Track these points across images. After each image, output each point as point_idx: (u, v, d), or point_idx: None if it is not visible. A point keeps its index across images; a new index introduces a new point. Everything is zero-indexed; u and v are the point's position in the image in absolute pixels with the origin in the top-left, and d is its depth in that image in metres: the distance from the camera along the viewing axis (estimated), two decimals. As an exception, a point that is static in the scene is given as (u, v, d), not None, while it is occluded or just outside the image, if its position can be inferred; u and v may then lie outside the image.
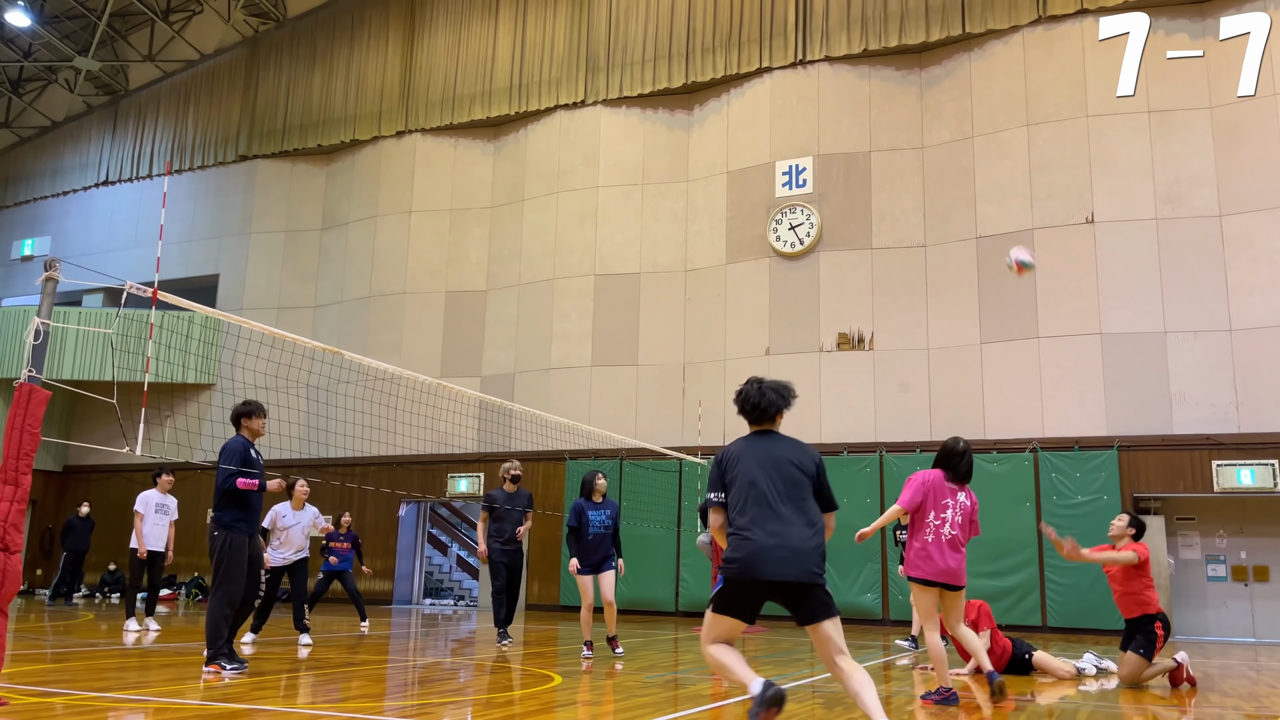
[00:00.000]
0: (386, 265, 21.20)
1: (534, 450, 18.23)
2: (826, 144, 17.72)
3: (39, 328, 5.59)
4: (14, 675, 6.60)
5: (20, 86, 26.08)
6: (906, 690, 7.34)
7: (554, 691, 6.76)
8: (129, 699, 5.87)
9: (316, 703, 6.21)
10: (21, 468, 5.43)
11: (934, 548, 6.22)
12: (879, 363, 16.79)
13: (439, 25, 21.69)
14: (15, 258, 25.86)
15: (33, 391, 5.52)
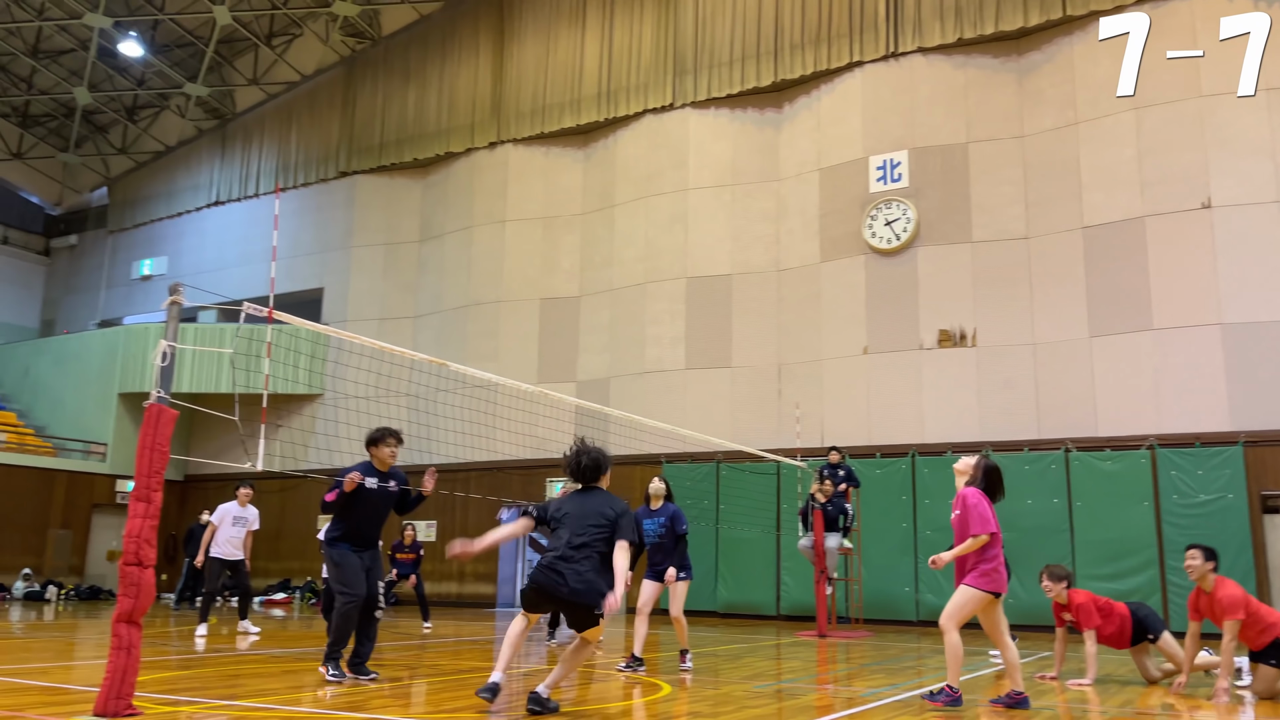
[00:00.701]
0: (482, 274, 21.57)
1: (630, 454, 18.25)
2: (921, 137, 17.32)
3: (165, 350, 5.83)
4: (145, 684, 6.91)
5: (135, 114, 27.41)
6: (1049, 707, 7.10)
7: (665, 702, 6.75)
8: (256, 707, 6.07)
9: (432, 711, 6.32)
10: (153, 485, 5.68)
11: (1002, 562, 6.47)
12: (982, 360, 16.34)
13: (527, 36, 21.97)
14: (135, 277, 27.17)
15: (161, 412, 5.77)
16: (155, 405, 5.78)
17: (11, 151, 27.88)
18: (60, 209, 29.54)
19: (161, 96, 26.51)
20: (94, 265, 28.38)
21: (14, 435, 22.56)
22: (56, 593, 20.77)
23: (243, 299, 6.87)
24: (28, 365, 25.29)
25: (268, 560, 23.02)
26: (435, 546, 20.89)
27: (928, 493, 16.19)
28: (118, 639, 5.48)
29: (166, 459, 5.75)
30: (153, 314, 25.99)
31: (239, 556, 12.55)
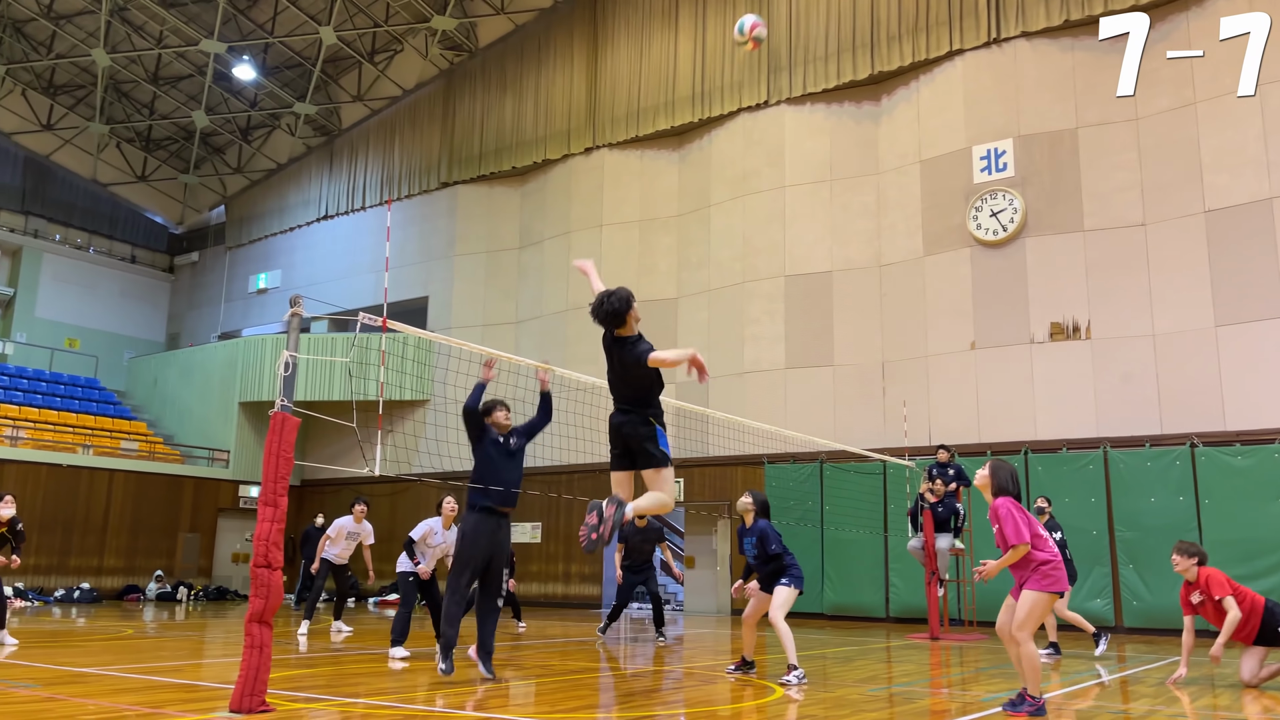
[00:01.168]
0: (581, 279, 21.70)
1: (730, 455, 18.22)
2: (1027, 124, 16.79)
3: (288, 360, 6.06)
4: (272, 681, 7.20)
5: (249, 134, 28.63)
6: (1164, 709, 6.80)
7: (777, 704, 6.70)
8: (379, 705, 6.26)
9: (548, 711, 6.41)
10: (279, 490, 5.92)
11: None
12: (1098, 352, 15.73)
13: (621, 41, 22.12)
14: (251, 291, 28.37)
15: (285, 419, 6.01)
16: (279, 413, 6.02)
17: (137, 175, 29.45)
18: (182, 228, 31.06)
19: (273, 116, 27.62)
20: (214, 280, 29.74)
21: (145, 444, 23.81)
22: (186, 593, 21.82)
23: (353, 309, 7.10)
24: (156, 377, 26.68)
25: (379, 562, 23.64)
26: (541, 548, 21.22)
27: (1042, 491, 15.59)
28: (250, 638, 5.72)
29: (291, 465, 5.98)
30: (268, 326, 27.12)
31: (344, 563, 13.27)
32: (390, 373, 21.92)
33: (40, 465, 20.93)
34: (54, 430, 22.62)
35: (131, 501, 22.13)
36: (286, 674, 7.81)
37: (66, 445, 22.14)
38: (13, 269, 27.31)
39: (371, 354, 20.94)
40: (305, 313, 6.51)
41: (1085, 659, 10.29)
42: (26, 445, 21.36)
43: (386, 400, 22.57)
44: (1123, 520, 14.98)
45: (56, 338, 27.34)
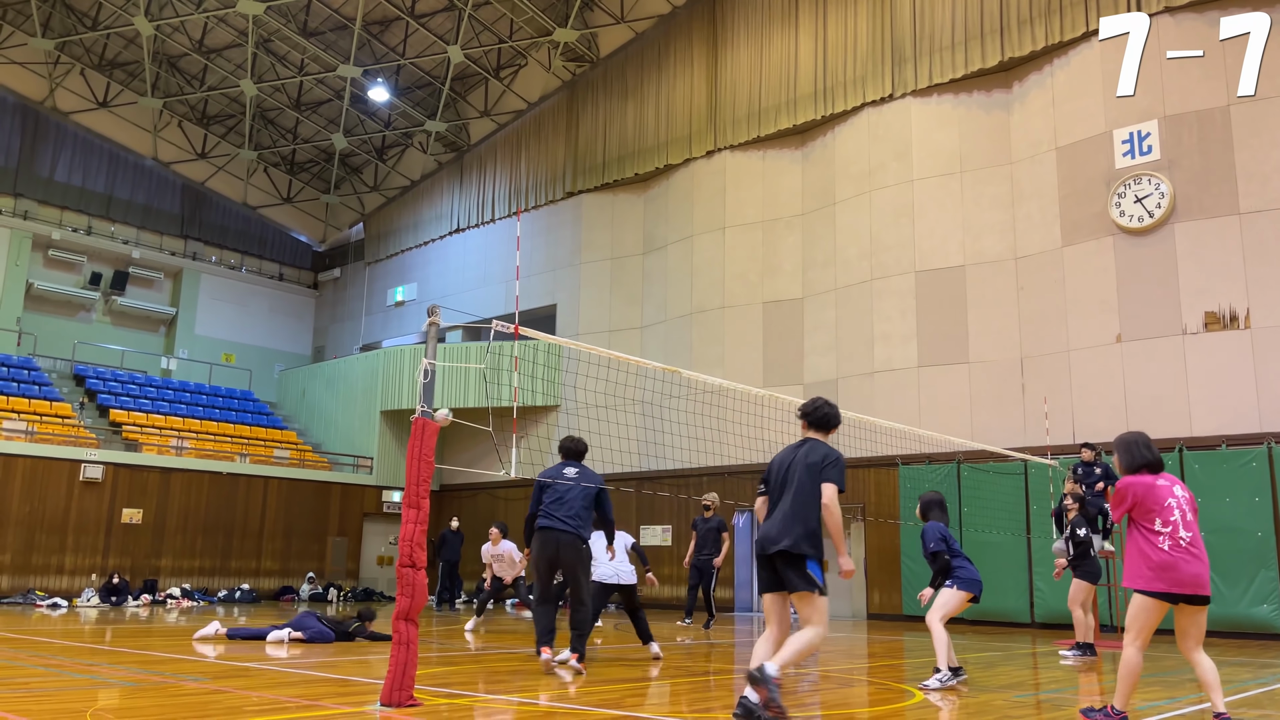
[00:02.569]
0: (705, 282, 21.82)
1: (862, 456, 17.84)
2: (1173, 103, 15.90)
3: (427, 368, 6.31)
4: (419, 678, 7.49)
5: (384, 153, 29.87)
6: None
7: (917, 709, 6.56)
8: (522, 701, 6.44)
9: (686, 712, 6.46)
10: (421, 492, 6.17)
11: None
12: (1259, 342, 14.75)
13: (740, 41, 22.06)
14: (390, 304, 29.56)
15: (426, 425, 6.26)
16: (420, 419, 6.27)
17: (283, 197, 31.12)
18: (324, 246, 32.64)
19: (406, 135, 28.74)
20: (355, 295, 31.13)
21: (295, 452, 25.10)
22: (336, 594, 22.89)
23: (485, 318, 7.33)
24: (304, 388, 28.12)
25: (516, 564, 24.31)
26: (670, 550, 21.33)
27: (1199, 489, 14.77)
28: (398, 635, 5.98)
29: (432, 468, 6.23)
30: (406, 337, 28.21)
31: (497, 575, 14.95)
32: (523, 379, 22.46)
33: (203, 474, 22.35)
34: (214, 440, 24.12)
35: (284, 507, 23.38)
36: (432, 671, 8.11)
37: (225, 454, 23.56)
38: (174, 290, 29.26)
39: (504, 360, 21.51)
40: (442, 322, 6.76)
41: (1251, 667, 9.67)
42: (190, 455, 22.84)
43: (521, 406, 23.12)
44: (1291, 521, 13.99)
45: (214, 353, 29.13)
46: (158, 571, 21.35)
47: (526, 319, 23.33)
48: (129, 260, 28.03)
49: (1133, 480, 5.60)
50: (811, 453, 5.81)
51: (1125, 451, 5.72)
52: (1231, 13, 15.48)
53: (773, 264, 20.93)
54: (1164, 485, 5.56)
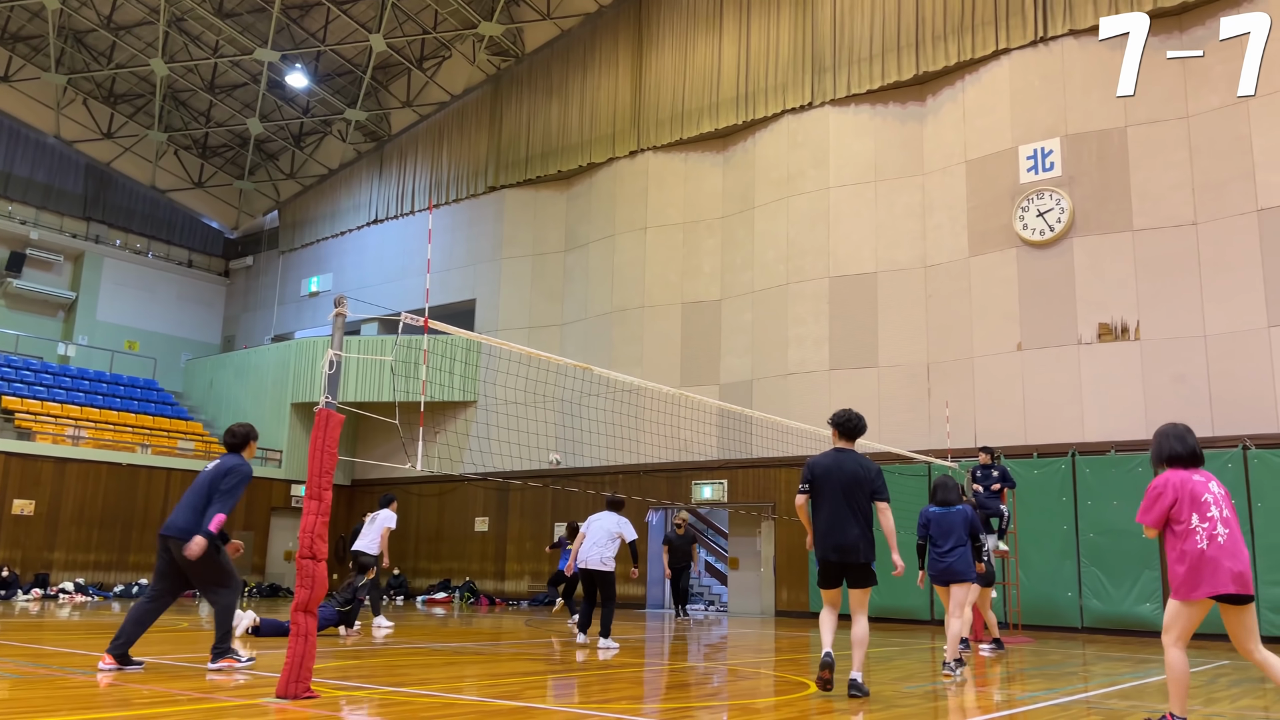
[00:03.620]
0: (625, 281, 21.95)
1: (774, 456, 18.25)
2: (1075, 123, 16.59)
3: (332, 359, 6.27)
4: (318, 671, 7.42)
5: (301, 140, 29.26)
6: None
7: (810, 700, 6.75)
8: (422, 694, 6.44)
9: (580, 703, 6.55)
10: (324, 484, 6.12)
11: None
12: (1147, 353, 15.49)
13: (665, 44, 22.24)
14: (304, 294, 28.98)
15: (330, 416, 6.21)
16: (324, 410, 6.22)
17: (194, 181, 30.25)
18: (237, 233, 31.83)
19: (324, 123, 28.21)
20: (267, 284, 30.43)
21: (201, 444, 24.44)
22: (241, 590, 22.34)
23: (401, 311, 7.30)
24: (211, 378, 27.38)
25: (429, 561, 24.13)
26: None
27: (1090, 494, 15.48)
28: (296, 627, 5.93)
29: (335, 460, 6.18)
30: (320, 328, 27.70)
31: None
32: (438, 374, 22.27)
33: (101, 464, 21.60)
34: (114, 430, 23.32)
35: (188, 499, 22.72)
36: (335, 665, 8.03)
37: (126, 445, 22.82)
38: (75, 274, 28.19)
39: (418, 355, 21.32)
40: (351, 314, 6.72)
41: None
42: (88, 445, 22.06)
43: (435, 401, 22.92)
44: (1173, 524, 14.71)
45: (116, 340, 28.16)
46: (50, 565, 20.57)
47: (445, 313, 23.14)
48: (26, 241, 26.92)
49: (1165, 475, 5.25)
50: (859, 466, 6.79)
51: (1154, 443, 5.41)
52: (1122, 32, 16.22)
53: (693, 265, 21.16)
54: (1200, 481, 5.17)
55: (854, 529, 6.65)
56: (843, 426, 6.99)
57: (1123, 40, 16.81)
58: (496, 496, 22.95)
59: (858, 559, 6.62)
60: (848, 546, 6.63)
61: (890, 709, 6.29)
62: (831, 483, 6.71)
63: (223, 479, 7.35)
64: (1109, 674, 9.18)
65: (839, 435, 7.01)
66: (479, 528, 23.39)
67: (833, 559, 6.67)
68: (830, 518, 6.69)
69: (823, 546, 6.72)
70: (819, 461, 6.86)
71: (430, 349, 22.42)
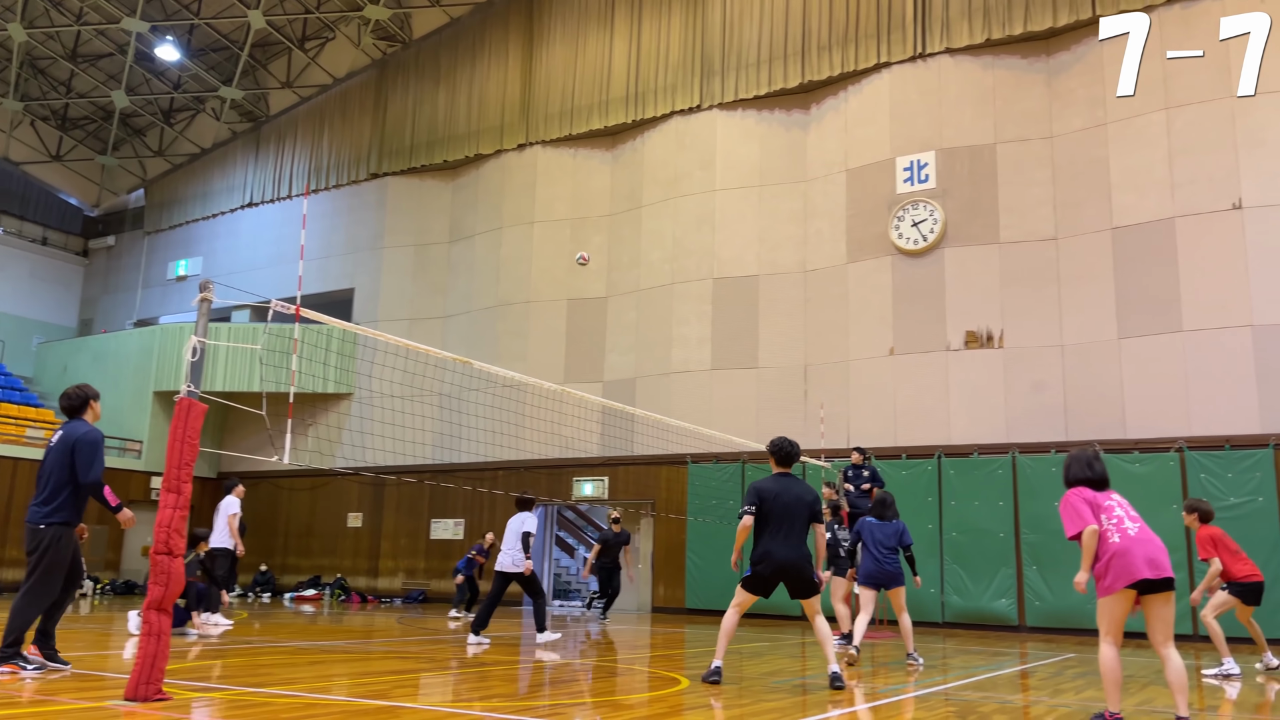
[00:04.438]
0: (511, 275, 21.75)
1: (655, 454, 18.40)
2: (949, 138, 17.27)
3: (196, 345, 5.99)
4: (174, 671, 7.09)
5: (171, 117, 27.90)
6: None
7: (681, 695, 6.82)
8: (283, 695, 6.22)
9: (452, 701, 6.45)
10: (183, 476, 5.84)
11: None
12: (1009, 360, 16.25)
13: (556, 39, 22.13)
14: (170, 278, 27.66)
15: (192, 405, 5.94)
16: (185, 399, 5.94)
17: (51, 154, 28.48)
18: (98, 210, 30.12)
19: (197, 100, 26.97)
20: (131, 265, 28.92)
21: (51, 432, 23.02)
22: (92, 587, 21.19)
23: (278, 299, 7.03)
24: (66, 363, 25.82)
25: (298, 557, 23.39)
26: (461, 545, 21.11)
27: (953, 494, 16.14)
28: (148, 626, 5.65)
29: (196, 452, 5.91)
30: (187, 314, 26.46)
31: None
32: (312, 365, 21.60)
33: (-61, 452, 20.13)
34: (-44, 416, 21.77)
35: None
36: (192, 664, 7.69)
37: (-32, 432, 21.33)
38: (-85, 247, 26.19)
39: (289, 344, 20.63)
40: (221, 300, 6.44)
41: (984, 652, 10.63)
42: (-75, 431, 20.52)
43: (308, 393, 22.22)
44: (1028, 524, 15.51)
45: (-39, 320, 26.29)
46: (-122, 561, 19.05)
47: (322, 302, 22.45)
48: None
49: (1070, 493, 5.57)
50: (804, 491, 7.38)
51: (1066, 465, 5.73)
52: (1003, 57, 17.01)
53: (578, 262, 21.11)
54: (1102, 494, 5.54)
55: (801, 548, 7.23)
56: (779, 454, 7.53)
57: (994, 60, 17.61)
58: (371, 491, 22.40)
59: (803, 574, 7.21)
60: (795, 563, 7.18)
61: (759, 702, 6.41)
62: (779, 506, 7.20)
63: (74, 454, 6.74)
64: (965, 667, 9.59)
65: (777, 462, 7.53)
66: (352, 523, 22.80)
67: (767, 574, 7.21)
68: (775, 537, 7.20)
69: (767, 562, 7.21)
70: (766, 486, 7.35)
71: (304, 339, 21.73)
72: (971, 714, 6.14)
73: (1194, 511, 9.33)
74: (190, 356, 5.98)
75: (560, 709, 6.09)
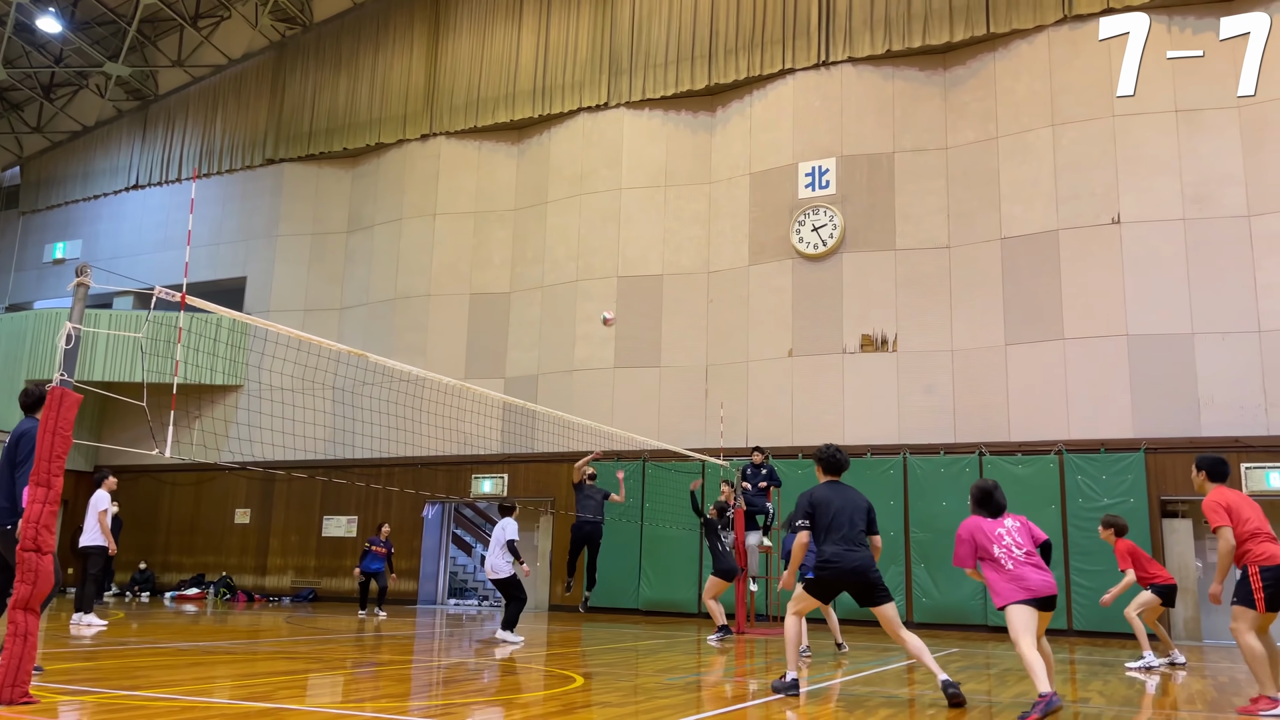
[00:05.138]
0: (411, 268, 21.35)
1: (557, 451, 18.31)
2: (850, 145, 17.67)
3: (70, 332, 5.69)
4: (45, 674, 6.73)
5: (52, 92, 26.48)
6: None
7: (576, 693, 6.80)
8: (159, 698, 5.96)
9: (341, 702, 6.28)
10: (54, 470, 5.54)
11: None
12: (902, 364, 16.72)
13: (463, 29, 21.82)
14: (47, 261, 26.28)
15: (64, 395, 5.63)
16: (58, 388, 5.64)
17: (-83, 126, 26.74)
18: (-31, 187, 28.40)
19: (80, 75, 25.68)
20: (4, 247, 27.36)
21: (-87, 421, 21.61)
22: None
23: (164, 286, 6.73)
24: (-70, 349, 24.26)
25: (181, 554, 22.51)
26: (354, 543, 20.63)
27: (847, 494, 16.50)
28: (14, 626, 5.34)
29: (69, 444, 5.61)
30: (64, 299, 25.17)
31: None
32: (200, 355, 20.81)
33: None
34: None
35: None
36: (65, 666, 7.30)
37: None
38: None
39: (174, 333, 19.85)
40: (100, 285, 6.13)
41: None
42: None
43: (194, 384, 21.40)
44: (917, 523, 15.99)
45: None
46: None
47: (212, 290, 21.63)
48: None
49: (965, 524, 6.44)
50: (859, 497, 7.06)
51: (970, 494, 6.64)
52: (902, 69, 17.48)
53: (483, 256, 20.89)
54: (992, 522, 6.39)
55: (865, 552, 6.86)
56: (828, 462, 7.22)
57: (894, 71, 18.07)
58: (261, 487, 21.70)
59: (869, 578, 6.76)
60: (861, 568, 6.76)
61: (652, 699, 6.44)
62: (835, 512, 6.89)
63: (16, 448, 6.56)
64: (854, 662, 9.83)
65: (825, 470, 7.23)
66: (240, 520, 22.05)
67: (832, 578, 6.82)
68: (837, 543, 6.82)
69: (832, 568, 6.80)
70: (820, 495, 7.03)
71: (192, 328, 20.90)
72: (859, 708, 6.29)
73: (1110, 526, 9.89)
74: (64, 344, 5.68)
75: (452, 709, 5.99)
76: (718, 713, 6.14)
